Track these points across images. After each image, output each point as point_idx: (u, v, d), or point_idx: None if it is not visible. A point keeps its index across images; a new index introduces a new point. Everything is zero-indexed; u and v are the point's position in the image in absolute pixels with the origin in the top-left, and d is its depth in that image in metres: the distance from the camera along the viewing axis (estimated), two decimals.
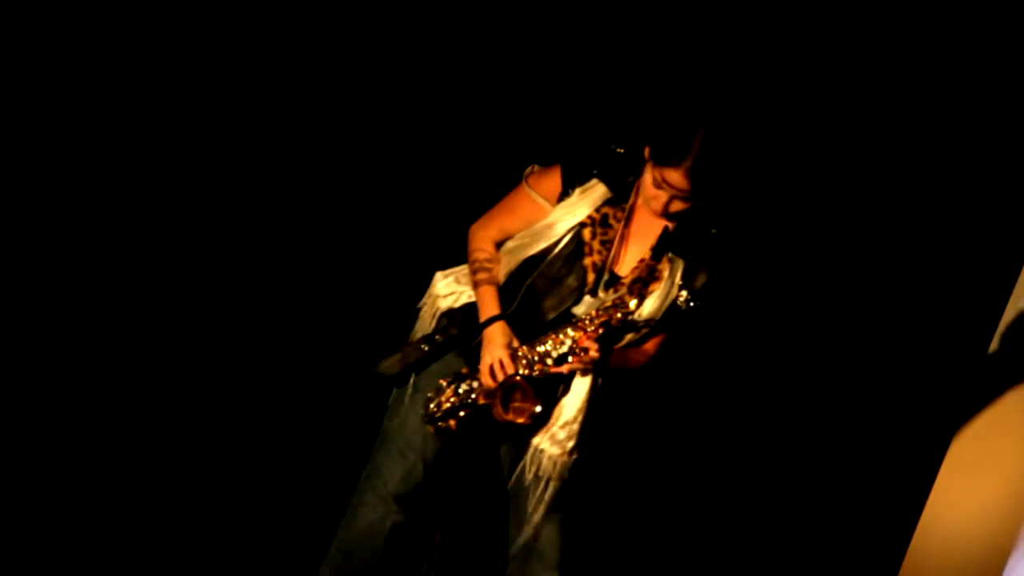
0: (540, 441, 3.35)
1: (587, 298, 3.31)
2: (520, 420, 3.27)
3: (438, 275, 3.47)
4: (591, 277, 3.30)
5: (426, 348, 3.38)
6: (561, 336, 3.28)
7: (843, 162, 4.36)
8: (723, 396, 4.48)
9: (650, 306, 3.30)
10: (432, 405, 3.33)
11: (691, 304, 3.32)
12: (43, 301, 4.21)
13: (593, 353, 3.23)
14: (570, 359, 3.27)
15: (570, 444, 3.35)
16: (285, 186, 4.38)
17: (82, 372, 4.22)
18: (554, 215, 3.31)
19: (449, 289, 3.44)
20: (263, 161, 4.34)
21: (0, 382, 4.09)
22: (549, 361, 3.28)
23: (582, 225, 3.30)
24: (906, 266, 4.36)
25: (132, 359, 4.29)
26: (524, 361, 3.29)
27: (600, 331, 3.25)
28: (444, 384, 3.34)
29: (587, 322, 3.26)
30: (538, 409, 3.26)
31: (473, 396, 3.32)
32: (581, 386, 3.34)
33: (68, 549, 3.74)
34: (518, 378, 3.26)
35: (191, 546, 3.93)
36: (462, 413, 3.32)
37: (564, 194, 3.31)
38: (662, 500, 4.52)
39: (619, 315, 3.24)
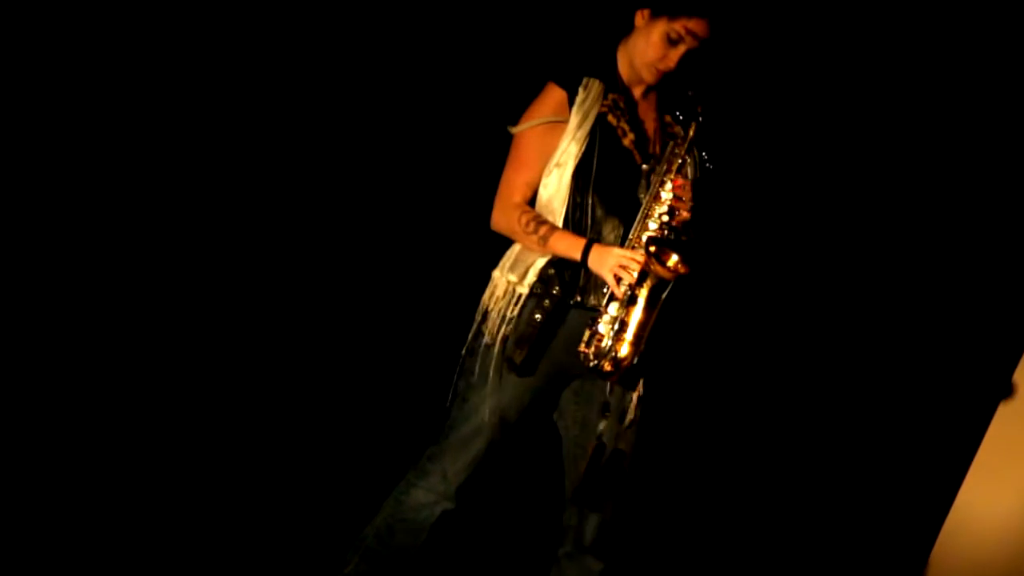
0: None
1: (642, 180, 3.26)
2: (683, 269, 3.09)
3: (494, 272, 3.33)
4: (638, 156, 3.28)
5: (540, 318, 3.24)
6: (660, 193, 3.20)
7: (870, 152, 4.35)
8: (753, 394, 4.48)
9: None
10: (591, 353, 3.16)
11: (712, 165, 3.28)
12: (54, 302, 4.18)
13: (690, 189, 3.20)
14: (681, 205, 3.18)
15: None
16: (297, 193, 4.36)
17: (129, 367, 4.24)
18: (571, 123, 3.24)
19: (518, 268, 3.28)
20: (262, 169, 4.31)
21: (4, 382, 4.06)
22: (665, 218, 3.18)
23: (601, 115, 3.26)
24: (939, 262, 4.34)
25: (175, 345, 4.31)
26: (643, 240, 3.17)
27: (683, 160, 3.21)
28: (583, 349, 3.18)
29: (666, 167, 3.21)
30: (682, 240, 3.15)
31: (619, 305, 3.15)
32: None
33: (71, 549, 3.72)
34: (652, 247, 3.10)
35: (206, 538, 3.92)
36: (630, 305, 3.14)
37: (571, 100, 3.25)
38: (685, 497, 4.51)
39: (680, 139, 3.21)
